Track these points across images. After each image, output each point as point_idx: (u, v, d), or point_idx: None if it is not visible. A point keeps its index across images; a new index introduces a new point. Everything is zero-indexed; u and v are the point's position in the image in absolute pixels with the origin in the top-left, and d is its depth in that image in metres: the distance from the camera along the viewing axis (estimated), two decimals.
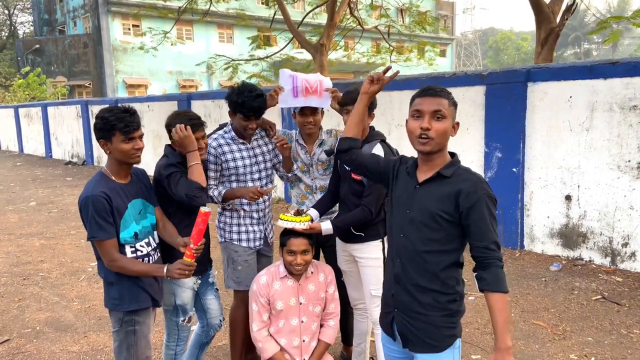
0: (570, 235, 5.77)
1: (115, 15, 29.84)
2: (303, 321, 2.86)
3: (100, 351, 3.91)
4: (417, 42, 20.34)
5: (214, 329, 3.17)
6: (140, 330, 2.53)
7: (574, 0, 9.50)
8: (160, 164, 2.85)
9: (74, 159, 17.47)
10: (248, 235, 3.24)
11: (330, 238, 3.16)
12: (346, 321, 3.49)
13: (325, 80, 3.25)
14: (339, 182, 3.08)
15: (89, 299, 4.96)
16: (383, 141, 2.90)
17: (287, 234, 2.77)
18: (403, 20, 20.62)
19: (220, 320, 3.18)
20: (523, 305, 4.59)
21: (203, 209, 2.40)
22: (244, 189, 3.13)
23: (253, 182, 3.21)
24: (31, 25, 45.40)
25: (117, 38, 29.95)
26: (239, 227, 3.23)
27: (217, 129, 3.31)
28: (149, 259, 2.56)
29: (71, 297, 5.04)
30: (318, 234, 2.85)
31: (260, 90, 3.05)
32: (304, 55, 22.99)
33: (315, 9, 17.33)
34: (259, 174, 3.23)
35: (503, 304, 1.90)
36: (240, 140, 3.18)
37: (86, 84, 30.75)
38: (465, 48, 65.98)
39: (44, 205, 9.82)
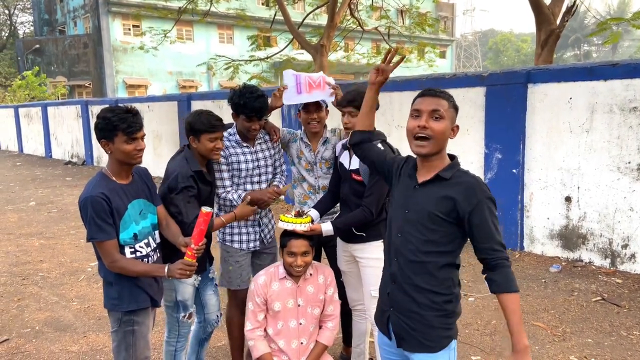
0: (570, 237, 5.77)
1: (116, 15, 29.85)
2: (301, 323, 2.85)
3: (100, 351, 3.90)
4: (417, 44, 20.34)
5: (211, 325, 3.19)
6: (139, 331, 2.52)
7: (574, 2, 9.51)
8: (179, 170, 2.81)
9: (74, 159, 17.46)
10: (241, 237, 3.25)
11: (332, 237, 3.17)
12: (347, 322, 3.49)
13: (328, 78, 3.28)
14: (339, 183, 3.08)
15: (89, 299, 4.96)
16: (384, 141, 2.90)
17: (288, 235, 2.77)
18: (403, 22, 20.63)
19: (217, 315, 3.20)
20: (523, 307, 4.58)
21: (204, 209, 2.40)
22: (260, 191, 3.13)
23: (252, 185, 3.21)
24: (31, 25, 45.42)
25: (117, 38, 29.96)
26: (232, 229, 3.24)
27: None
28: (148, 260, 2.55)
29: (70, 297, 5.03)
30: (319, 235, 2.85)
31: (262, 91, 3.05)
32: (304, 56, 22.99)
33: (315, 9, 17.33)
34: (258, 177, 3.23)
35: (516, 304, 1.89)
36: (244, 144, 3.19)
37: (86, 84, 30.75)
38: (465, 49, 66.02)
39: (43, 205, 9.82)
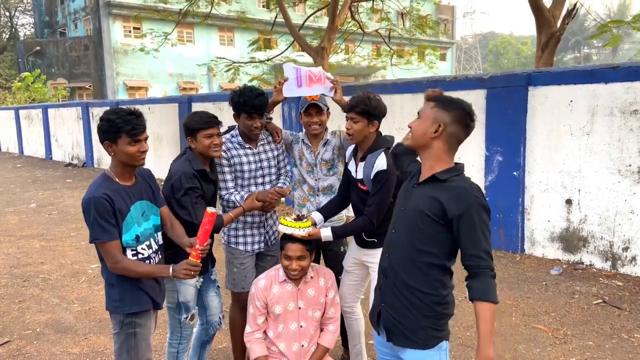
0: (570, 239, 5.77)
1: (116, 17, 29.87)
2: (302, 326, 2.84)
3: (101, 353, 3.90)
4: (418, 46, 20.36)
5: (213, 327, 3.19)
6: (140, 333, 2.52)
7: (575, 5, 9.52)
8: (182, 171, 2.83)
9: (74, 160, 17.47)
10: (246, 239, 3.25)
11: (331, 243, 3.17)
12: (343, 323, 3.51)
13: (327, 73, 3.31)
14: (348, 188, 3.09)
15: (90, 301, 4.96)
16: (388, 149, 2.87)
17: (286, 238, 2.77)
18: (404, 24, 20.64)
19: (219, 317, 3.20)
20: (524, 309, 4.58)
21: (210, 210, 2.41)
22: (263, 192, 3.12)
23: (256, 187, 3.22)
24: (32, 27, 45.41)
25: (118, 40, 29.98)
26: (236, 231, 3.25)
27: (226, 131, 3.33)
28: (150, 262, 2.54)
29: (71, 299, 5.03)
30: (318, 240, 2.85)
31: (261, 90, 3.08)
32: (305, 58, 23.01)
33: (316, 12, 17.35)
34: (262, 178, 3.24)
35: (490, 313, 1.91)
36: (247, 145, 3.20)
37: (87, 86, 30.76)
38: (466, 52, 66.06)
39: (44, 207, 9.82)
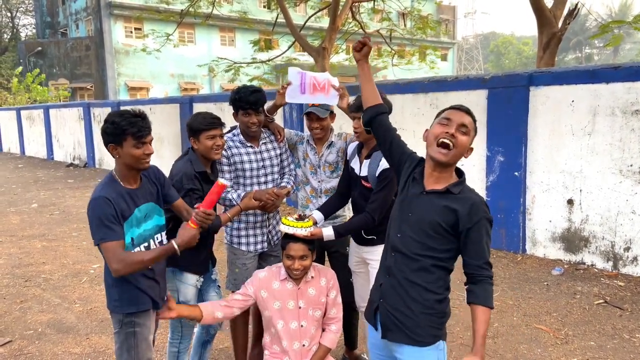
0: (572, 240, 5.76)
1: (118, 18, 29.90)
2: (302, 325, 2.83)
3: (102, 353, 3.91)
4: (419, 46, 20.36)
5: (213, 327, 3.20)
6: (140, 332, 2.52)
7: (576, 5, 9.52)
8: (183, 171, 2.85)
9: (76, 161, 17.49)
10: (248, 239, 3.26)
11: (336, 243, 3.17)
12: (350, 324, 3.49)
13: (334, 80, 3.27)
14: (348, 185, 3.08)
15: (91, 301, 4.97)
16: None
17: (287, 237, 2.77)
18: (405, 24, 20.64)
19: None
20: (525, 309, 4.58)
21: (221, 181, 2.42)
22: (260, 191, 3.11)
23: (259, 186, 3.23)
24: (33, 28, 45.45)
25: (119, 41, 30.01)
26: (239, 231, 3.25)
27: (228, 131, 3.34)
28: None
29: (73, 299, 5.04)
30: (319, 239, 2.85)
31: (259, 87, 3.11)
32: (306, 58, 23.02)
33: (317, 12, 17.36)
34: (265, 177, 3.25)
35: (487, 317, 2.02)
36: (248, 144, 3.21)
37: (88, 87, 30.80)
38: (467, 52, 66.04)
39: (45, 207, 9.83)
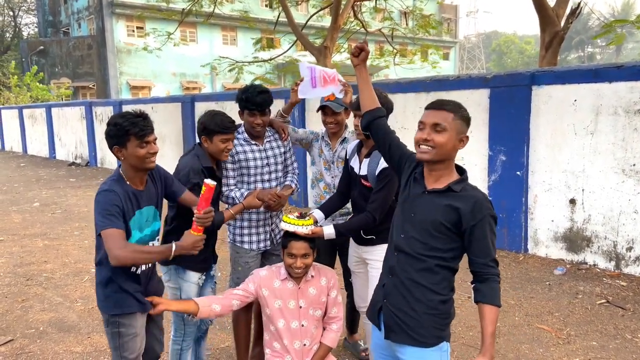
0: (574, 239, 5.75)
1: (120, 17, 29.93)
2: (303, 325, 2.83)
3: (104, 352, 3.91)
4: (421, 45, 20.34)
5: (205, 323, 3.22)
6: (125, 333, 2.52)
7: (579, 4, 9.50)
8: (190, 166, 2.86)
9: (78, 160, 17.51)
10: (251, 237, 3.26)
11: (347, 239, 3.18)
12: (353, 309, 3.53)
13: (339, 76, 3.31)
14: (348, 184, 3.08)
15: (93, 300, 4.96)
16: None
17: (289, 236, 2.76)
18: (406, 23, 20.62)
19: None
20: (527, 309, 4.57)
21: (208, 182, 2.41)
22: (263, 191, 3.11)
23: (262, 183, 3.24)
24: (35, 27, 45.53)
25: (121, 40, 30.04)
26: (242, 230, 3.26)
27: None
28: (136, 269, 2.54)
29: (74, 298, 5.04)
30: (320, 237, 2.85)
31: (266, 88, 3.11)
32: (308, 57, 23.00)
33: (319, 11, 17.36)
34: (269, 175, 3.26)
35: (495, 316, 2.01)
36: (252, 142, 3.22)
37: (90, 86, 30.83)
38: (469, 51, 65.97)
39: (47, 206, 9.84)
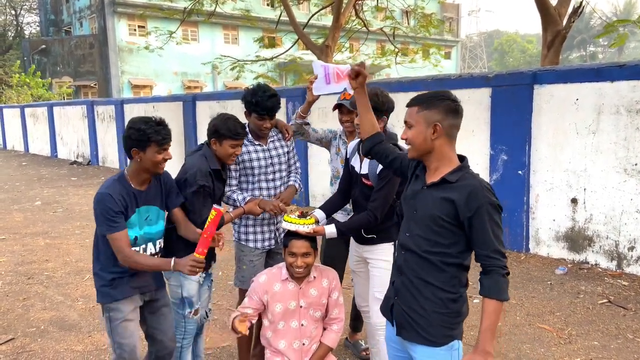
0: (576, 239, 5.74)
1: (121, 16, 29.94)
2: (303, 324, 2.83)
3: (105, 351, 3.91)
4: (422, 44, 20.32)
5: (200, 320, 3.22)
6: (114, 317, 2.63)
7: (581, 3, 9.47)
8: (198, 167, 2.89)
9: (79, 158, 17.52)
10: (256, 236, 3.27)
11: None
12: (355, 308, 3.53)
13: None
14: (349, 183, 3.07)
15: (94, 299, 4.92)
16: (395, 145, 2.85)
17: (290, 235, 2.77)
18: (408, 22, 20.59)
19: (206, 311, 3.24)
20: (528, 309, 4.56)
21: (216, 207, 2.48)
22: (265, 201, 3.14)
23: (266, 183, 3.25)
24: (37, 26, 45.55)
25: (123, 39, 30.04)
26: (246, 228, 3.27)
27: None
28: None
29: (76, 297, 5.04)
30: (322, 236, 2.85)
31: (274, 90, 3.10)
32: (310, 56, 22.98)
33: (320, 10, 17.35)
34: (272, 175, 3.27)
35: (495, 309, 1.96)
36: (257, 142, 3.23)
37: (92, 85, 30.85)
38: (470, 50, 65.87)
39: (49, 205, 9.85)
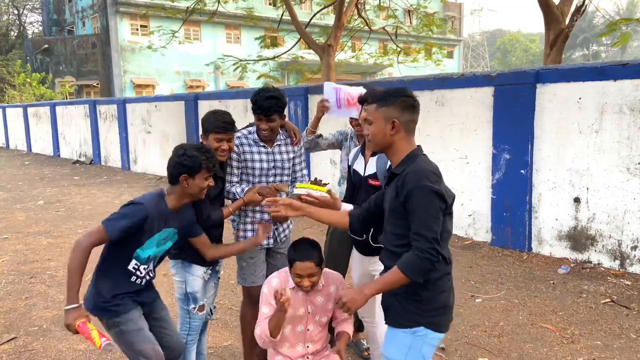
0: (578, 238, 5.72)
1: (124, 15, 29.97)
2: (309, 329, 2.81)
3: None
4: (425, 44, 20.27)
5: (206, 315, 3.25)
6: (126, 329, 2.61)
7: (584, 2, 9.44)
8: None
9: (82, 158, 17.55)
10: (254, 233, 3.26)
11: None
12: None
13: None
14: (353, 191, 3.04)
15: None
16: None
17: (294, 258, 2.64)
18: (410, 22, 20.56)
19: (210, 308, 3.25)
20: (531, 308, 4.55)
21: (101, 344, 2.37)
22: (263, 187, 3.12)
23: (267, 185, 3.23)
24: (40, 25, 45.66)
25: (125, 38, 30.08)
26: (245, 225, 3.27)
27: (246, 126, 3.33)
28: (142, 281, 2.68)
29: None
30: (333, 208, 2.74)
31: (276, 92, 3.06)
32: (312, 55, 22.99)
33: (322, 9, 17.32)
34: (273, 177, 3.25)
35: (392, 276, 2.05)
36: (261, 143, 3.20)
37: (94, 84, 30.90)
38: (473, 49, 65.76)
39: (51, 204, 9.87)
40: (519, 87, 6.02)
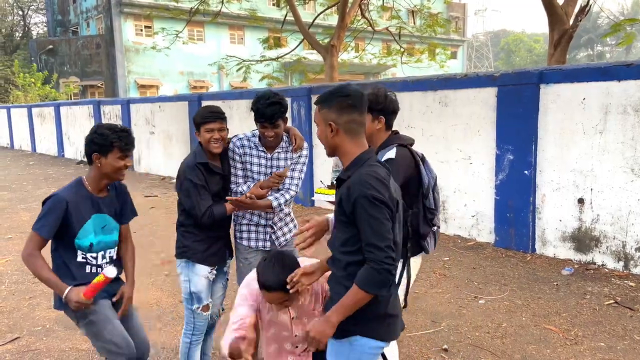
0: (582, 239, 5.70)
1: (128, 16, 30.07)
2: (296, 335, 2.64)
3: None
4: (428, 44, 20.25)
5: (215, 314, 3.28)
6: (96, 320, 2.64)
7: (588, 2, 9.41)
8: (186, 164, 3.02)
9: (86, 158, 17.59)
10: (250, 234, 3.26)
11: None
12: None
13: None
14: None
15: None
16: (402, 145, 2.75)
17: (262, 287, 2.38)
18: (414, 22, 20.54)
19: (218, 309, 3.27)
20: (534, 310, 4.54)
21: (107, 274, 2.50)
22: (264, 180, 3.15)
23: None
24: (45, 26, 45.84)
25: (130, 39, 30.18)
26: (241, 227, 3.28)
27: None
28: (99, 270, 2.69)
29: None
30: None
31: (277, 97, 3.00)
32: (315, 56, 23.00)
33: (326, 10, 17.34)
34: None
35: (353, 295, 1.96)
36: (261, 149, 3.17)
37: (98, 84, 31.01)
38: (477, 50, 65.68)
39: None
40: (522, 88, 6.01)
